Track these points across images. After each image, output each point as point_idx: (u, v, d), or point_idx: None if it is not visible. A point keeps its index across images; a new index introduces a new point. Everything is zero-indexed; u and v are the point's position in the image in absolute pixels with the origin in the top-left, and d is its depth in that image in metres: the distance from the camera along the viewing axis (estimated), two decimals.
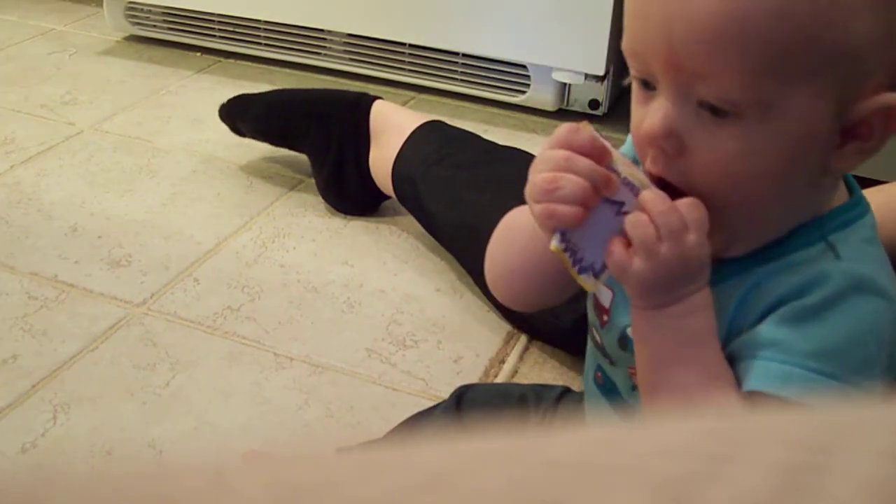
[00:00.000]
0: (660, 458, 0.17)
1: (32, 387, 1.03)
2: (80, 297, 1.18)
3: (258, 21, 1.86)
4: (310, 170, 1.43)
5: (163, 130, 1.63)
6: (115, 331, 1.12)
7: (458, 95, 1.76)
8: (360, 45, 1.80)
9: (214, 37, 1.92)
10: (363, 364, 1.08)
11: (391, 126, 1.33)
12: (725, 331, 0.58)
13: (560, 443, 0.20)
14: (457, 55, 1.73)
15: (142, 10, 1.95)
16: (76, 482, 0.18)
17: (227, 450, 0.97)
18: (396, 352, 1.10)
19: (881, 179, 0.97)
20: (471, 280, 1.20)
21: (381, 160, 1.32)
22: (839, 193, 0.60)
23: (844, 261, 0.56)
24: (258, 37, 1.88)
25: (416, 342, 1.12)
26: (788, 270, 0.56)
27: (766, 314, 0.56)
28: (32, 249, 1.28)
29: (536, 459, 0.18)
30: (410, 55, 1.76)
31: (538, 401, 0.87)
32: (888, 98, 0.53)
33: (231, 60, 1.92)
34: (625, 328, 0.63)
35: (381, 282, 1.23)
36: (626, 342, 0.63)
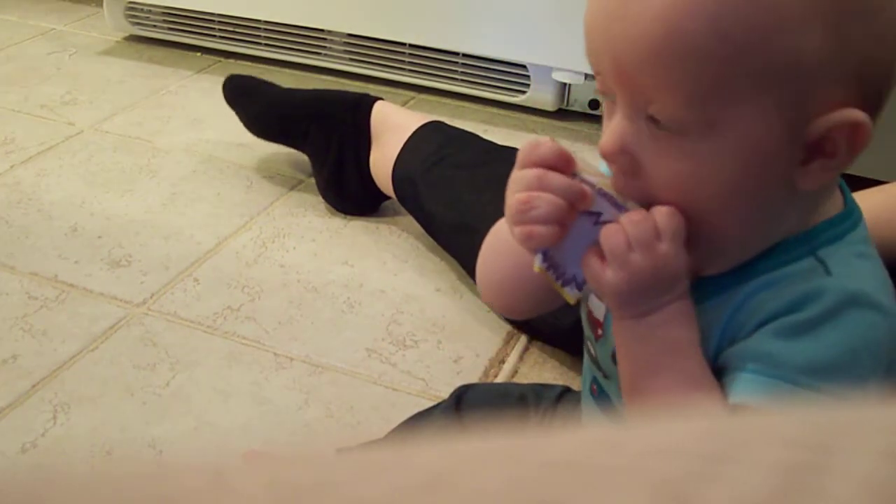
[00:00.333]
0: (659, 459, 0.17)
1: (32, 387, 1.03)
2: (80, 297, 1.18)
3: (258, 21, 1.86)
4: (310, 169, 1.43)
5: (163, 130, 1.63)
6: (115, 331, 1.12)
7: (458, 95, 1.76)
8: (361, 45, 1.80)
9: (214, 37, 1.92)
10: (363, 364, 1.08)
11: (392, 127, 1.33)
12: (715, 348, 0.57)
13: (560, 443, 0.20)
14: (457, 55, 1.73)
15: (142, 10, 1.95)
16: (76, 482, 0.18)
17: (227, 450, 0.97)
18: (396, 352, 1.10)
19: (881, 179, 0.97)
20: (471, 280, 1.20)
21: (382, 161, 1.32)
22: (833, 203, 0.59)
23: (836, 277, 0.55)
24: (258, 37, 1.88)
25: (416, 342, 1.12)
26: (779, 285, 0.56)
27: (759, 329, 0.56)
28: (32, 249, 1.28)
29: (536, 459, 0.18)
30: (410, 55, 1.76)
31: (538, 401, 0.87)
32: (848, 114, 0.52)
33: (231, 60, 1.92)
34: None
35: (381, 282, 1.23)
36: None
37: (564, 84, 1.67)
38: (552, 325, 1.07)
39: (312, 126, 1.38)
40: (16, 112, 1.68)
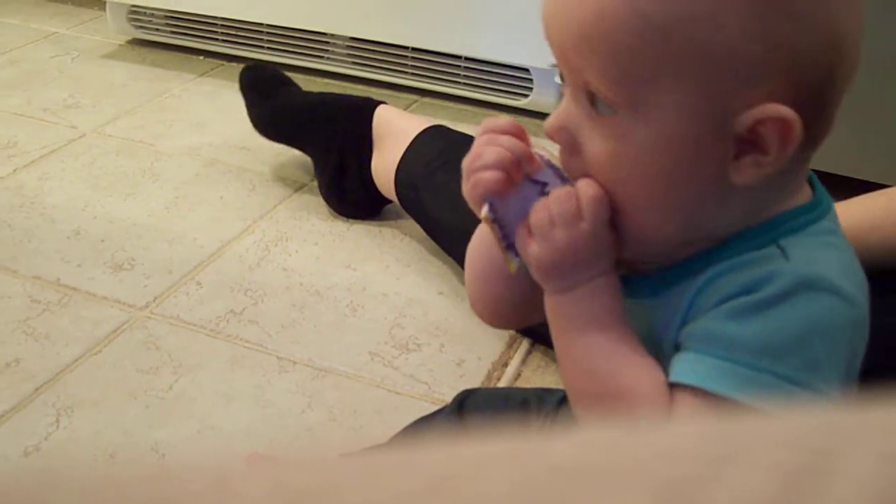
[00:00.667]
0: (661, 461, 0.17)
1: (35, 390, 1.03)
2: (83, 301, 1.18)
3: (261, 24, 1.86)
4: (313, 173, 1.43)
5: (165, 134, 1.63)
6: (118, 334, 1.12)
7: (461, 99, 1.76)
8: (363, 49, 1.81)
9: (217, 40, 1.92)
10: (366, 368, 1.08)
11: (394, 131, 1.33)
12: (675, 335, 0.58)
13: (562, 446, 0.20)
14: (459, 59, 1.73)
15: (144, 14, 1.96)
16: (79, 486, 0.18)
17: (230, 453, 0.97)
18: (399, 355, 1.10)
19: (882, 183, 0.97)
20: None
21: (384, 165, 1.32)
22: (801, 195, 0.59)
23: (794, 262, 0.55)
24: (261, 40, 1.88)
25: (419, 346, 1.12)
26: (737, 270, 0.56)
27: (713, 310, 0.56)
28: (35, 253, 1.28)
29: (538, 463, 0.18)
30: (413, 59, 1.77)
31: (540, 405, 0.87)
32: (773, 109, 0.52)
33: (234, 64, 1.92)
34: None
35: (384, 285, 1.23)
36: None
37: None
38: None
39: (316, 129, 1.38)
40: (18, 115, 1.69)
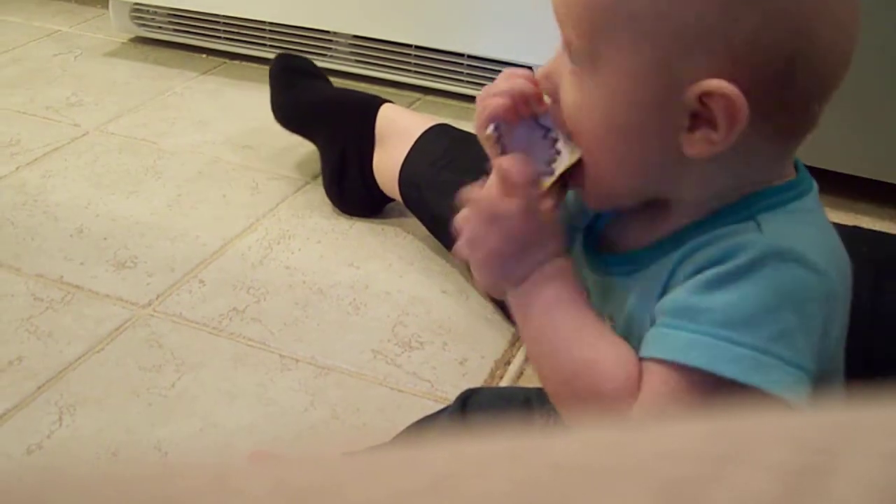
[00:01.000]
0: (664, 460, 0.17)
1: (38, 388, 1.03)
2: (86, 299, 1.18)
3: (263, 22, 1.86)
4: (315, 171, 1.44)
5: (168, 132, 1.63)
6: (121, 332, 1.12)
7: (464, 97, 1.76)
8: (366, 47, 1.81)
9: (220, 38, 1.92)
10: (369, 366, 1.08)
11: (398, 130, 1.33)
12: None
13: (565, 445, 0.20)
14: (462, 56, 1.73)
15: (147, 12, 1.96)
16: (82, 484, 0.18)
17: (233, 451, 0.98)
18: (402, 353, 1.10)
19: (887, 181, 0.97)
20: None
21: (387, 164, 1.32)
22: (781, 173, 0.59)
23: (766, 235, 0.55)
24: (263, 38, 1.88)
25: (422, 344, 1.12)
26: (713, 243, 0.56)
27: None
28: (38, 251, 1.28)
29: (541, 462, 0.18)
30: (416, 56, 1.77)
31: (543, 404, 0.87)
32: (715, 83, 0.53)
33: (236, 62, 1.93)
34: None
35: (387, 283, 1.23)
36: None
37: None
38: None
39: (321, 125, 1.39)
40: (21, 114, 1.69)
